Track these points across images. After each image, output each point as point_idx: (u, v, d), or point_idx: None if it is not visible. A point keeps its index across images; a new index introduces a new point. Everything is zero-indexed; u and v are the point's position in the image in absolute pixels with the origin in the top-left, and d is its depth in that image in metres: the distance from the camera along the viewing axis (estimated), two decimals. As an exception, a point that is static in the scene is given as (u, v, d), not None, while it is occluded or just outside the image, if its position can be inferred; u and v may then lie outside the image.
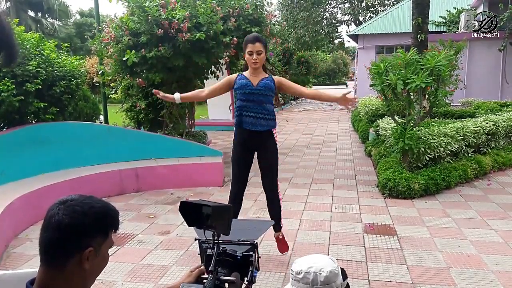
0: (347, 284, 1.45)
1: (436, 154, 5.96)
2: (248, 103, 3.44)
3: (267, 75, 3.50)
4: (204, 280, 1.49)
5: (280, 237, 3.72)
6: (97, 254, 1.12)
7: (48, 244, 1.09)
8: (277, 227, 3.70)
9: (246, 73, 3.51)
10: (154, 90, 3.87)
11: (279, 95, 3.82)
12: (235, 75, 3.57)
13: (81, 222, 1.08)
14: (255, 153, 3.64)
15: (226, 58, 6.68)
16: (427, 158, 5.94)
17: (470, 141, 6.59)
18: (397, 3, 21.39)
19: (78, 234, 1.08)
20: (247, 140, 3.54)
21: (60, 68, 5.69)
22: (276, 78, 3.52)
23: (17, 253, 3.98)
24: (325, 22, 27.74)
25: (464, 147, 6.54)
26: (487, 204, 5.16)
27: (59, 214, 1.07)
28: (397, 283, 3.28)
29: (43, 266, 1.10)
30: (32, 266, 3.54)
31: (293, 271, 1.42)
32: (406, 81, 5.44)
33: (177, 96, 3.65)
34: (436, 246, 3.95)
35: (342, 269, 1.45)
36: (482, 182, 6.15)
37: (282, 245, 3.73)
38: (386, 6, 26.51)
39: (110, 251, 1.21)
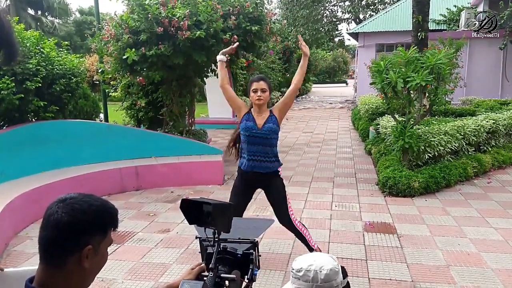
0: (347, 282, 1.46)
1: (436, 152, 5.96)
2: (253, 146, 3.39)
3: (269, 114, 3.43)
4: (205, 278, 1.50)
5: None
6: (97, 253, 1.11)
7: (47, 243, 1.09)
8: (310, 249, 3.53)
9: (252, 111, 3.44)
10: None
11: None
12: (246, 108, 3.47)
13: (80, 220, 1.08)
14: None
15: (226, 56, 6.64)
16: (427, 157, 5.94)
17: (471, 140, 6.59)
18: (397, 1, 21.35)
19: (77, 232, 1.08)
20: (251, 180, 3.47)
21: (60, 66, 5.69)
22: (274, 109, 3.48)
23: (17, 251, 3.98)
24: (325, 20, 27.68)
25: (464, 145, 6.54)
26: (487, 202, 5.16)
27: (58, 212, 1.07)
28: (397, 281, 3.28)
29: (43, 264, 1.10)
30: (32, 264, 3.54)
31: (293, 269, 1.42)
32: (406, 79, 5.44)
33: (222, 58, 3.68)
34: (436, 244, 3.96)
35: (342, 267, 1.45)
36: (482, 180, 6.15)
37: None
38: (386, 4, 26.44)
39: (110, 249, 1.22)
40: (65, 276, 1.09)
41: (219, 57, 3.63)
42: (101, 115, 9.51)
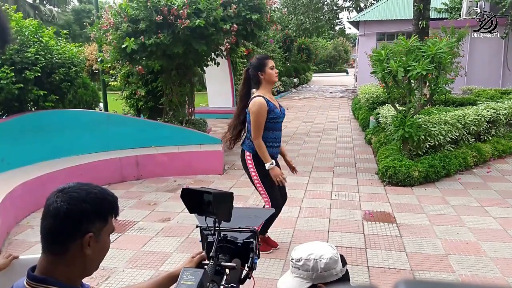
0: (346, 270, 1.47)
1: (437, 142, 5.96)
2: (279, 132, 3.45)
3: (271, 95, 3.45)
4: (205, 266, 1.51)
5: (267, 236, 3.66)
6: (98, 239, 1.12)
7: (48, 232, 1.10)
8: (262, 230, 3.55)
9: (266, 96, 3.35)
10: None
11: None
12: (264, 102, 3.31)
13: (79, 208, 1.09)
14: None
15: (226, 45, 6.62)
16: (427, 146, 5.94)
17: (471, 129, 6.58)
18: (398, -11, 21.14)
19: (77, 220, 1.09)
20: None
21: (59, 56, 5.65)
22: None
23: (19, 240, 4.00)
24: (326, 8, 27.44)
25: (464, 135, 6.54)
26: (487, 192, 5.18)
27: (57, 201, 1.09)
28: (396, 269, 3.31)
29: (45, 253, 1.11)
30: (33, 253, 3.57)
31: (293, 259, 1.43)
32: (407, 68, 5.41)
33: (269, 165, 3.36)
34: (435, 233, 3.98)
35: (341, 256, 1.46)
36: (481, 170, 6.17)
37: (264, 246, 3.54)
38: (387, -7, 26.20)
39: (111, 238, 1.22)
40: (67, 263, 1.10)
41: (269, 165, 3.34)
42: (101, 105, 9.48)
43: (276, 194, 3.46)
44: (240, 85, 3.66)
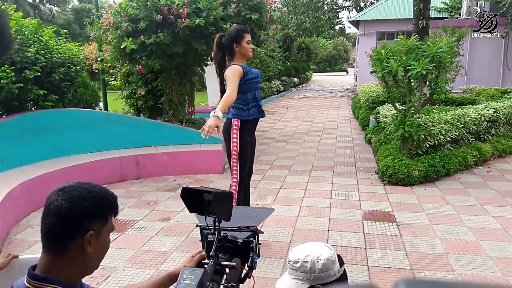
0: (344, 270, 1.47)
1: (437, 141, 5.96)
2: (258, 91, 3.57)
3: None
4: (205, 265, 1.51)
5: None
6: (98, 238, 1.13)
7: (49, 230, 1.10)
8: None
9: (242, 64, 3.48)
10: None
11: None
12: (238, 67, 3.39)
13: (80, 207, 1.09)
14: None
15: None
16: (427, 145, 5.94)
17: (471, 129, 6.58)
18: (398, -11, 21.12)
19: (77, 219, 1.09)
20: (253, 127, 3.67)
21: (59, 55, 5.65)
22: None
23: (19, 239, 4.00)
24: (325, 8, 27.43)
25: (464, 134, 6.54)
26: (486, 191, 5.18)
27: (57, 200, 1.09)
28: (395, 269, 3.31)
29: (45, 252, 1.12)
30: (33, 253, 3.57)
31: (290, 261, 1.42)
32: (407, 67, 5.41)
33: (219, 114, 3.23)
34: (435, 233, 3.98)
35: (339, 256, 1.46)
36: (481, 169, 6.17)
37: None
38: (387, -8, 26.18)
39: (111, 237, 1.23)
40: (68, 262, 1.11)
41: (219, 115, 3.21)
42: (101, 104, 9.48)
43: (246, 167, 3.62)
44: (213, 53, 3.64)
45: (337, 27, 34.57)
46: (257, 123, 3.74)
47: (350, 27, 40.06)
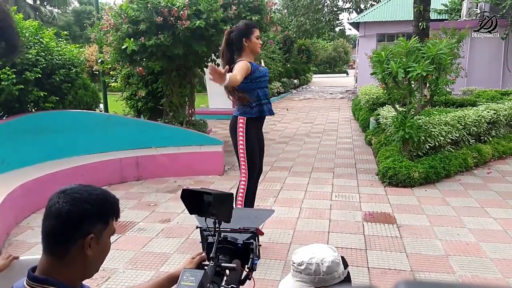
0: (348, 272, 1.46)
1: (437, 143, 5.96)
2: (267, 89, 3.56)
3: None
4: (205, 267, 1.51)
5: None
6: (99, 241, 1.13)
7: (49, 232, 1.10)
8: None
9: (251, 60, 3.44)
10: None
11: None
12: (247, 62, 3.32)
13: (81, 209, 1.09)
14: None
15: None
16: (427, 147, 5.94)
17: (471, 130, 6.58)
18: (398, -9, 21.15)
19: (78, 221, 1.09)
20: (260, 127, 3.65)
21: (60, 57, 5.66)
22: None
23: (19, 241, 4.00)
24: (326, 9, 27.46)
25: (465, 136, 6.54)
26: (487, 193, 5.18)
27: (59, 202, 1.09)
28: (396, 270, 3.30)
29: (45, 254, 1.11)
30: (33, 254, 3.57)
31: (294, 263, 1.41)
32: (407, 69, 5.41)
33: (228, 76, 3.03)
34: (435, 234, 3.97)
35: (343, 258, 1.45)
36: (482, 171, 6.16)
37: None
38: (387, -6, 26.22)
39: (111, 239, 1.23)
40: (68, 265, 1.10)
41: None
42: (101, 106, 9.49)
43: (255, 165, 3.58)
44: (221, 49, 3.52)
45: (337, 29, 34.63)
46: (264, 121, 3.69)
47: (350, 29, 40.06)
